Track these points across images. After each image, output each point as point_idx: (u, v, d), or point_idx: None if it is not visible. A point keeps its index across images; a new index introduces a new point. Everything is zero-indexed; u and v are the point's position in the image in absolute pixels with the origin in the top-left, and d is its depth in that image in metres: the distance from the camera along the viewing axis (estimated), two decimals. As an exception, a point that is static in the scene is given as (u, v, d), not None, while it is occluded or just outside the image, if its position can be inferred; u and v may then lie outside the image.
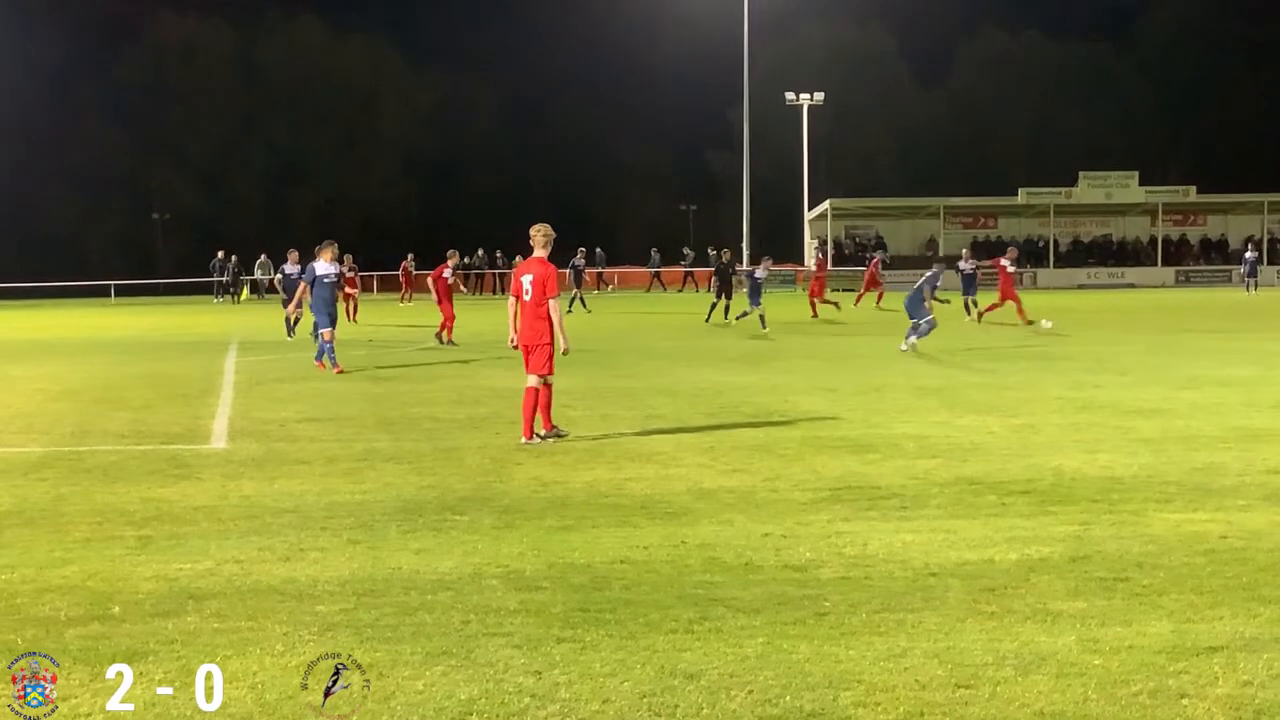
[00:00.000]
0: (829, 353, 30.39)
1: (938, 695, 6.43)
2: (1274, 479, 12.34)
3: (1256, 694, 6.43)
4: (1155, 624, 7.65)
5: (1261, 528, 10.26)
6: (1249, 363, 26.10)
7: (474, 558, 9.45)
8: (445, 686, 6.58)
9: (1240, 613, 7.87)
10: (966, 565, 9.14)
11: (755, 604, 8.11)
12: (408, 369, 26.30)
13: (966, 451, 14.29)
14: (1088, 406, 18.45)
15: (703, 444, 15.15)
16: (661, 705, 6.29)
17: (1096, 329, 37.58)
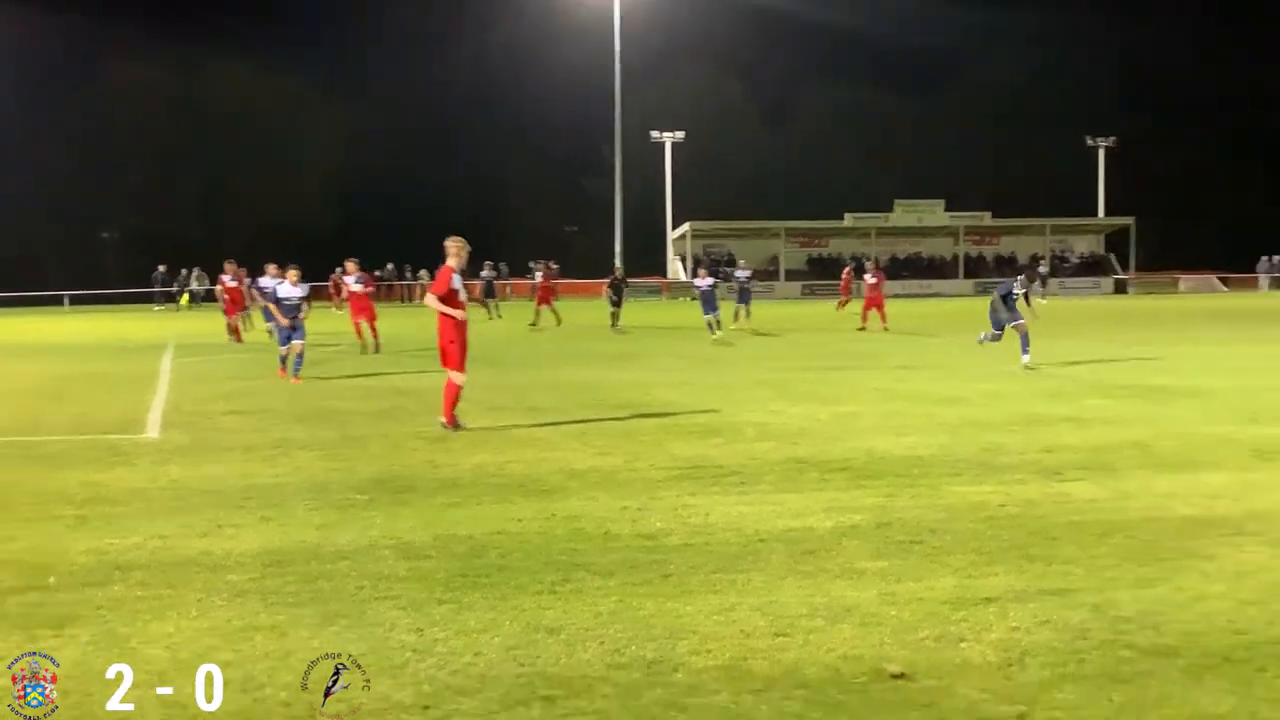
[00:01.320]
0: (688, 354, 30.44)
1: (759, 643, 6.53)
2: (1046, 456, 12.57)
3: (1023, 638, 6.60)
4: (942, 580, 7.81)
5: (1034, 498, 10.45)
6: (1034, 356, 26.56)
7: (371, 531, 9.39)
8: (338, 644, 6.55)
9: (1012, 570, 8.05)
10: (790, 532, 9.24)
11: (611, 568, 8.17)
12: (324, 368, 26.04)
13: (796, 435, 14.42)
14: (899, 396, 18.69)
15: (575, 431, 15.16)
16: (525, 657, 6.33)
17: (909, 333, 38.01)
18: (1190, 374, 22.01)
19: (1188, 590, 7.51)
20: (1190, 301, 69.88)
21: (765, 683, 5.93)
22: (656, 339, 35.47)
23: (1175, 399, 17.69)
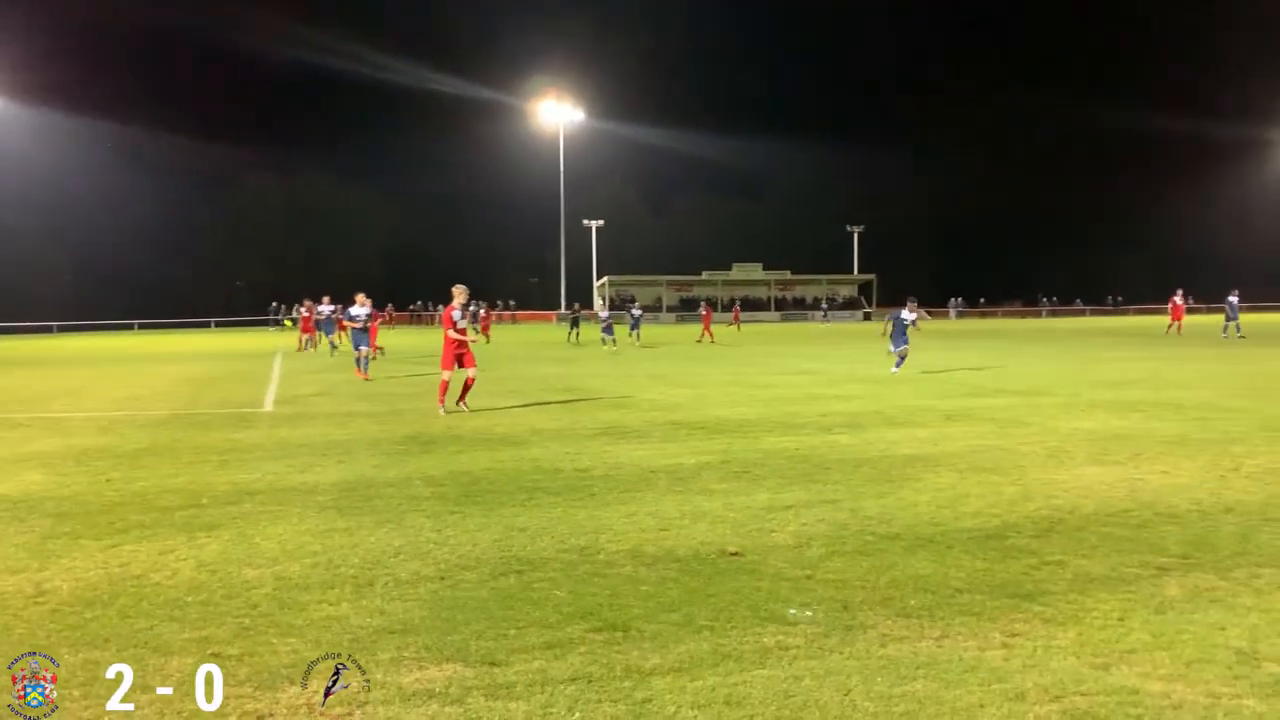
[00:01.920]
0: (605, 359, 30.38)
1: (650, 535, 6.54)
2: (823, 419, 12.68)
3: (809, 529, 6.67)
4: (761, 495, 7.84)
5: (816, 444, 10.53)
6: (817, 359, 26.88)
7: (406, 469, 9.27)
8: (386, 539, 6.50)
9: (802, 488, 8.11)
10: (668, 466, 9.24)
11: (558, 490, 8.12)
12: (379, 371, 25.66)
13: (673, 408, 14.44)
14: (734, 384, 18.79)
15: (537, 405, 15.06)
16: (505, 545, 6.29)
17: (742, 345, 38.22)
18: (907, 368, 22.35)
19: (907, 499, 7.62)
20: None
21: (653, 559, 5.94)
22: (586, 350, 35.38)
23: (899, 384, 17.96)
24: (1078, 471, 8.70)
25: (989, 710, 3.78)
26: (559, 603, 5.12)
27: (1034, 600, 5.08)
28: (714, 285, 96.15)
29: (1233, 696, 3.86)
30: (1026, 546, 6.14)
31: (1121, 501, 7.39)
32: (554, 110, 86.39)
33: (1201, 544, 6.11)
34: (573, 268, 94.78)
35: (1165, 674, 4.10)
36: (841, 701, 3.88)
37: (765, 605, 5.04)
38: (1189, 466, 8.83)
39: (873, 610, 4.95)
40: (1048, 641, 4.48)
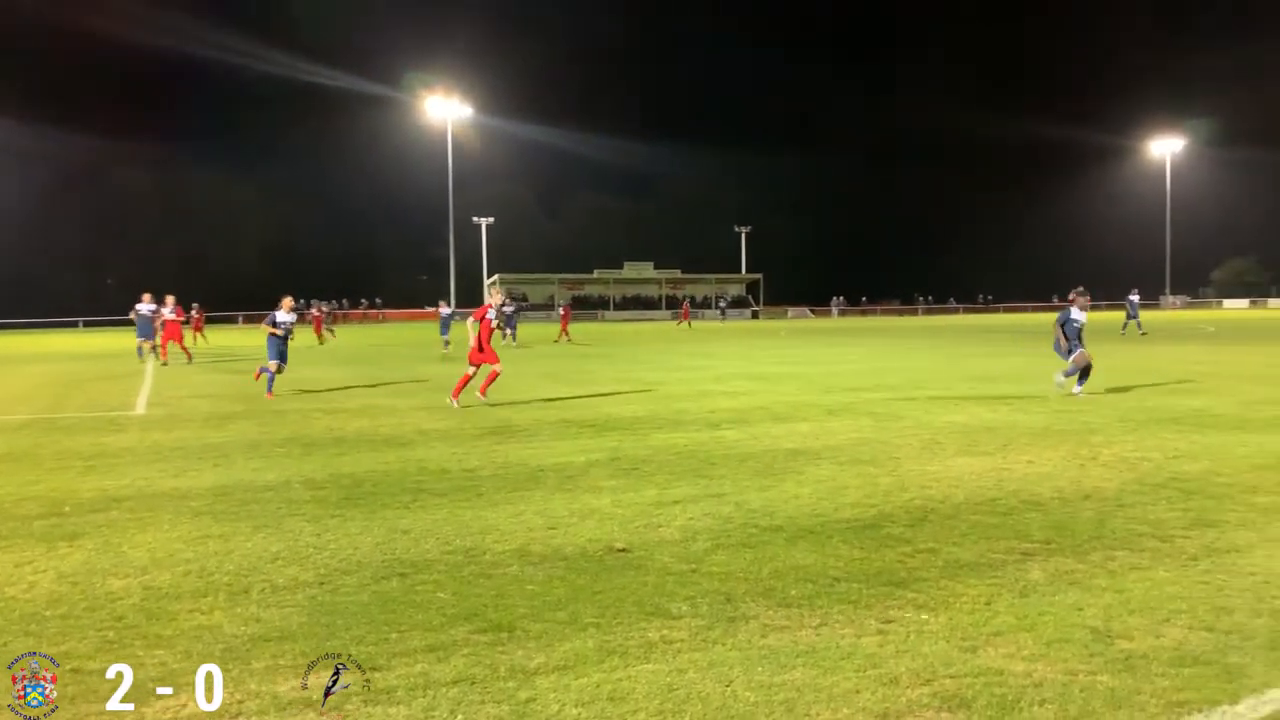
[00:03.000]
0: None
1: (538, 534, 6.49)
2: (711, 415, 12.83)
3: (695, 523, 6.73)
4: (648, 491, 7.87)
5: (704, 440, 10.64)
6: (707, 357, 27.18)
7: (286, 472, 8.96)
8: (263, 544, 6.27)
9: (689, 483, 8.18)
10: (557, 464, 9.19)
11: (444, 491, 7.98)
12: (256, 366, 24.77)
13: (564, 406, 14.39)
14: (625, 381, 18.84)
15: (425, 405, 14.79)
16: (387, 549, 6.15)
17: (630, 344, 38.38)
18: (793, 365, 22.84)
19: (789, 492, 7.76)
20: (794, 323, 72.65)
21: (540, 558, 5.90)
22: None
23: (784, 380, 18.33)
24: (949, 462, 9.03)
25: (864, 695, 3.88)
26: (443, 605, 5.03)
27: (907, 587, 5.24)
28: (606, 284, 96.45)
29: (1088, 673, 4.06)
30: (901, 535, 6.33)
31: (990, 490, 7.70)
32: (442, 106, 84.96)
33: (1062, 529, 6.42)
34: (463, 265, 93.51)
35: (1028, 654, 4.28)
36: (723, 692, 3.92)
37: (651, 600, 5.06)
38: (1052, 456, 9.27)
39: (755, 601, 5.02)
40: (920, 627, 4.63)
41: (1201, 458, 9.01)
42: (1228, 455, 9.12)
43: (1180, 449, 9.52)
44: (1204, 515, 6.74)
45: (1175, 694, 3.84)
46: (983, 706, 3.76)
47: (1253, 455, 9.11)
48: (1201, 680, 3.96)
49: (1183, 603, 4.90)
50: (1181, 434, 10.50)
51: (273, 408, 14.58)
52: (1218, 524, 6.49)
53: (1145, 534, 6.25)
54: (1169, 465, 8.65)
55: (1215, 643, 4.37)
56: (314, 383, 19.02)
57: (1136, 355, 24.40)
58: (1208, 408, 12.84)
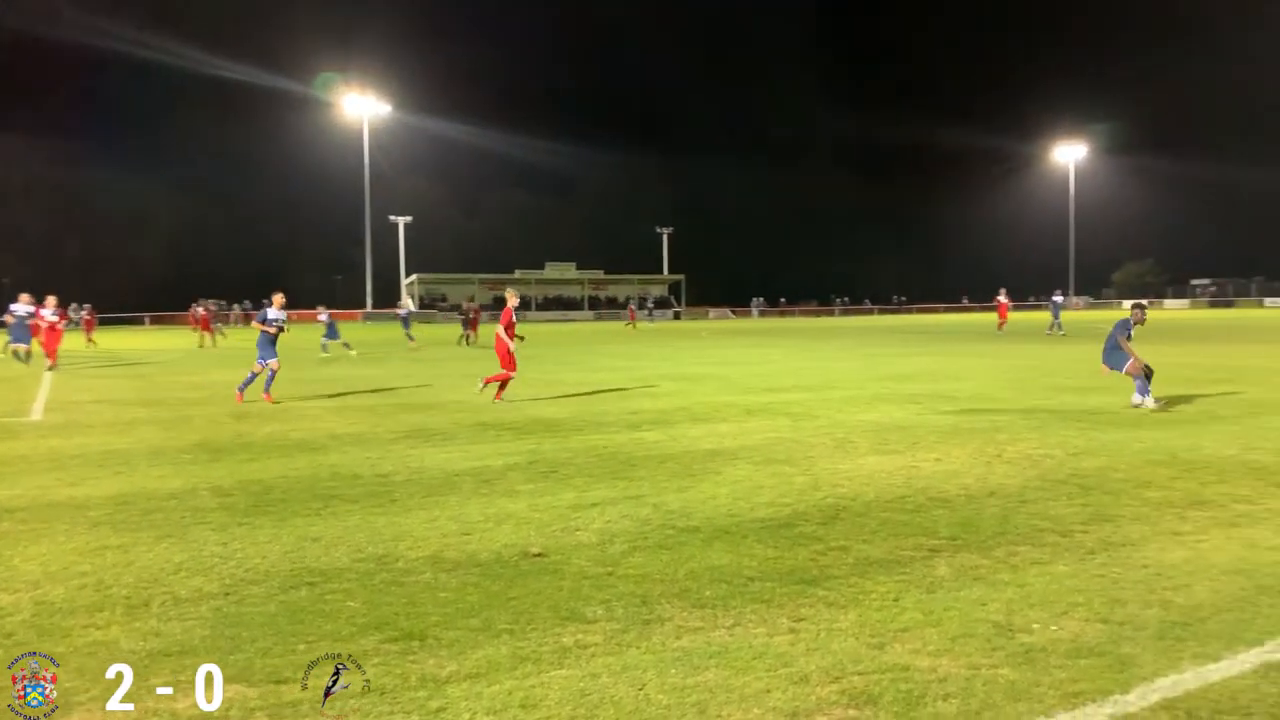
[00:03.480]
0: (412, 358, 29.65)
1: (452, 540, 6.40)
2: (632, 416, 12.84)
3: (613, 526, 6.71)
4: (567, 494, 7.83)
5: (623, 441, 10.64)
6: (631, 358, 27.22)
7: (193, 479, 8.66)
8: (165, 554, 6.04)
9: (608, 485, 8.17)
10: (474, 468, 9.08)
11: (357, 497, 7.82)
12: (163, 368, 23.96)
13: (481, 409, 14.24)
14: (546, 383, 18.75)
15: (336, 407, 14.49)
16: (297, 557, 5.99)
17: (556, 345, 38.22)
18: (714, 365, 23.02)
19: (707, 492, 7.81)
20: (716, 324, 73.27)
21: (454, 565, 5.82)
22: (393, 348, 34.43)
23: (705, 381, 18.47)
24: (861, 461, 9.20)
25: (775, 695, 3.92)
26: (353, 614, 4.93)
27: (819, 585, 5.32)
28: (527, 284, 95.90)
29: (990, 667, 4.17)
30: (814, 533, 6.42)
31: (899, 488, 7.87)
32: (359, 103, 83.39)
33: (968, 526, 6.59)
34: (380, 265, 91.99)
35: (933, 649, 4.38)
36: (636, 696, 3.92)
37: (566, 605, 5.03)
38: (959, 454, 9.52)
39: (670, 603, 5.04)
40: (830, 624, 4.70)
41: (1099, 454, 9.35)
42: (1123, 452, 9.48)
43: (1080, 446, 9.86)
44: (1101, 510, 6.99)
45: (1071, 685, 3.97)
46: (889, 703, 3.83)
47: (1147, 451, 9.48)
48: (1096, 671, 4.10)
49: (1080, 596, 5.07)
50: (1081, 431, 10.89)
51: (180, 413, 14.11)
52: (1113, 519, 6.73)
53: (1046, 529, 6.45)
54: (1069, 462, 8.96)
55: (1109, 634, 4.53)
56: (223, 386, 18.47)
57: (1043, 355, 25.23)
58: (1106, 406, 13.35)
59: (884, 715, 3.73)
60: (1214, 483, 7.91)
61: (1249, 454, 9.21)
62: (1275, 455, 9.11)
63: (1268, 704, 3.76)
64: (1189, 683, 3.97)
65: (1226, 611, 4.80)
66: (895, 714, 3.74)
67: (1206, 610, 4.82)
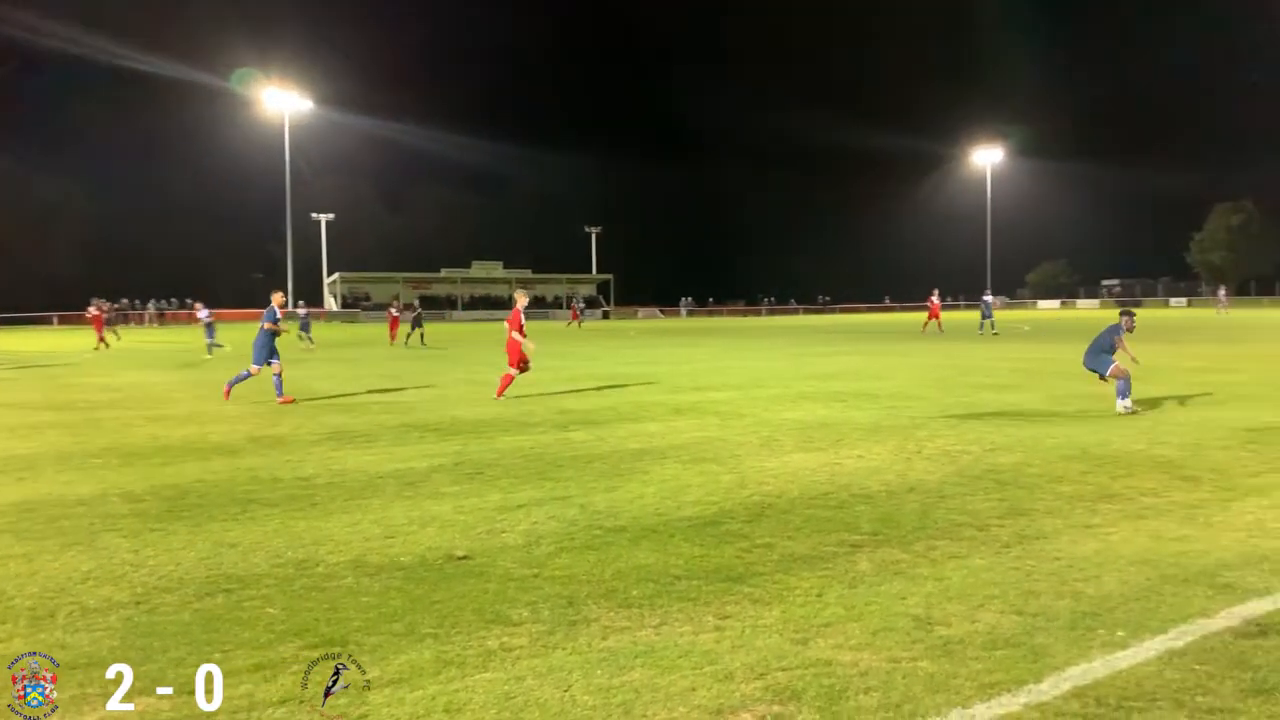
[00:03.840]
0: (332, 358, 29.08)
1: (375, 543, 6.29)
2: (559, 417, 12.79)
3: (539, 527, 6.68)
4: (493, 495, 7.76)
5: (550, 442, 10.58)
6: (560, 357, 27.05)
7: (102, 485, 8.36)
8: (73, 563, 5.83)
9: (535, 486, 8.11)
10: (398, 470, 8.94)
11: (276, 501, 7.63)
12: (73, 370, 23.04)
13: (406, 410, 14.04)
14: (471, 383, 18.60)
15: (254, 410, 14.14)
16: (213, 564, 5.83)
17: (479, 346, 37.83)
18: (643, 365, 23.05)
19: (634, 492, 7.81)
20: (644, 323, 73.48)
21: (377, 568, 5.72)
22: (317, 349, 33.68)
23: (633, 380, 18.49)
24: (786, 459, 9.31)
25: (700, 693, 3.94)
26: (271, 621, 4.81)
27: (744, 582, 5.36)
28: (453, 283, 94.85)
29: (910, 660, 4.25)
30: (740, 531, 6.48)
31: (823, 485, 7.98)
32: (279, 98, 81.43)
33: (889, 521, 6.71)
34: (301, 264, 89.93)
35: (855, 644, 4.45)
36: (562, 698, 3.90)
37: (492, 607, 4.98)
38: (880, 451, 9.70)
39: (596, 603, 5.03)
40: (755, 621, 4.74)
41: (1015, 450, 9.62)
42: (1038, 447, 9.77)
43: (996, 442, 10.14)
44: (1016, 505, 7.18)
45: (988, 676, 4.07)
46: (812, 697, 3.88)
47: (1060, 446, 9.79)
48: (1011, 661, 4.22)
49: (996, 588, 5.21)
50: (998, 428, 11.19)
51: (89, 416, 13.61)
52: (1028, 512, 6.93)
53: (964, 524, 6.61)
54: (986, 458, 9.20)
55: (1023, 625, 4.66)
56: (135, 388, 17.89)
57: (964, 354, 25.87)
58: (1021, 402, 13.74)
59: (807, 710, 3.78)
60: (1123, 477, 8.20)
61: (1155, 449, 9.57)
62: (1179, 450, 9.49)
63: (1171, 690, 3.90)
64: (1098, 671, 4.10)
65: (1133, 601, 4.98)
66: (818, 709, 3.79)
67: (1115, 600, 4.99)
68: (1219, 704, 3.76)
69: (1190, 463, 8.78)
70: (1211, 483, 7.90)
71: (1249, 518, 6.70)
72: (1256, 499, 7.28)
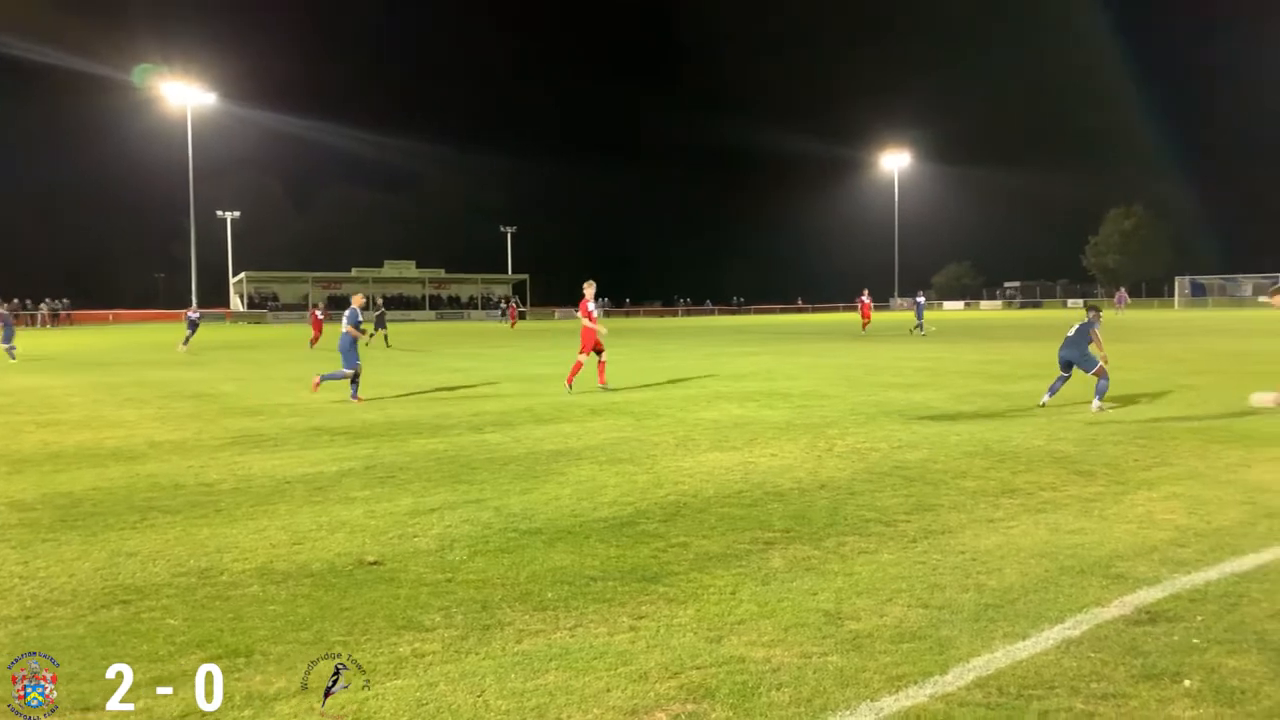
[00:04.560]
0: (241, 360, 28.23)
1: (282, 550, 6.12)
2: (474, 419, 12.65)
3: (453, 531, 6.59)
4: (405, 499, 7.63)
5: (465, 444, 10.47)
6: (473, 358, 26.77)
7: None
8: (-44, 579, 5.53)
9: (448, 490, 8.01)
10: (307, 475, 8.73)
11: (178, 508, 7.37)
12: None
13: (314, 413, 13.71)
14: (381, 385, 18.25)
15: (158, 414, 13.63)
16: (109, 574, 5.59)
17: (409, 349, 37.14)
18: (558, 365, 22.84)
19: (550, 494, 7.77)
20: (558, 324, 73.22)
21: (284, 575, 5.57)
22: (223, 351, 32.71)
23: (549, 381, 18.39)
24: (701, 458, 9.39)
25: (615, 693, 3.94)
26: (172, 632, 4.63)
27: (659, 581, 5.38)
28: (364, 283, 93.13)
29: (820, 655, 4.32)
30: (655, 531, 6.50)
31: (737, 484, 8.07)
32: (182, 92, 78.68)
33: (800, 518, 6.82)
34: (206, 263, 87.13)
35: (768, 640, 4.50)
36: (475, 703, 3.85)
37: (404, 613, 4.90)
38: (792, 449, 9.85)
39: (511, 607, 4.98)
40: (669, 620, 4.76)
41: (921, 447, 9.88)
42: (942, 444, 10.05)
43: (903, 439, 10.39)
44: (923, 500, 7.37)
45: (895, 669, 4.16)
46: (726, 695, 3.91)
47: (964, 443, 10.08)
48: (918, 654, 4.32)
49: (903, 582, 5.33)
50: (905, 425, 11.47)
51: None
52: (934, 508, 7.12)
53: (873, 519, 6.76)
54: (894, 455, 9.42)
55: (929, 618, 4.78)
56: (25, 393, 17.09)
57: (873, 354, 26.45)
58: (927, 400, 14.12)
59: (720, 708, 3.80)
60: (1023, 472, 8.49)
61: (1053, 444, 9.93)
62: (1076, 446, 9.87)
63: (1068, 677, 4.05)
64: (1000, 661, 4.24)
65: (1033, 592, 5.15)
66: (732, 706, 3.82)
67: (1016, 592, 5.16)
68: (1112, 690, 3.92)
69: (1086, 458, 9.14)
70: (1106, 477, 8.23)
71: (1140, 510, 7.01)
72: (1147, 492, 7.62)
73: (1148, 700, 3.82)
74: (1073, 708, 3.76)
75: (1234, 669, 4.10)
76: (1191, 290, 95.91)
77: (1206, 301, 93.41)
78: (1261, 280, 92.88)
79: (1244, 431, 10.62)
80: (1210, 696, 3.84)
